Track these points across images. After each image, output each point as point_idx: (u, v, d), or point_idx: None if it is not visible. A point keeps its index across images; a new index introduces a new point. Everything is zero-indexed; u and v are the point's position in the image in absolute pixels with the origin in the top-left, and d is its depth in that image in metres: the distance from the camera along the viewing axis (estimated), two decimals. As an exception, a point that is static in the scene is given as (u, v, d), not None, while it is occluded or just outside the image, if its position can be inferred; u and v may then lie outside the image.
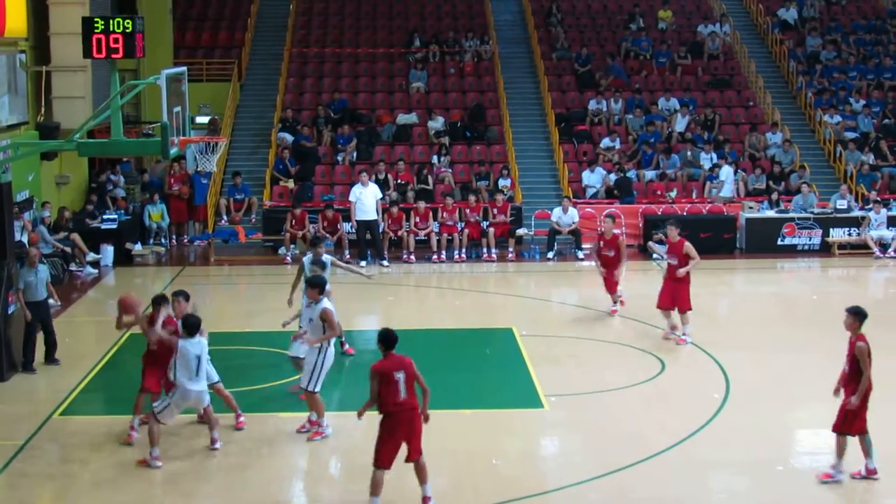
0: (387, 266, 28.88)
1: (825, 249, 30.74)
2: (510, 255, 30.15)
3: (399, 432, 13.15)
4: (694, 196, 32.86)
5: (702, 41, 40.68)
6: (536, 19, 41.90)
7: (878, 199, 31.53)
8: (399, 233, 29.90)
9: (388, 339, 13.32)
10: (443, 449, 15.34)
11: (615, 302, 23.31)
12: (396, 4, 43.12)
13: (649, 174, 33.83)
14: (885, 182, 33.82)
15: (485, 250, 30.13)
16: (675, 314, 20.97)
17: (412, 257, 29.53)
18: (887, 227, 30.64)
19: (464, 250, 30.06)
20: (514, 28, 42.50)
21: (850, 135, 35.88)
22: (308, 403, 15.75)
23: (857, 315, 14.26)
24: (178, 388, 14.88)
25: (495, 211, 30.43)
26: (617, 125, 36.35)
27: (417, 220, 30.25)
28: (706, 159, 34.10)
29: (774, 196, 32.10)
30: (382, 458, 13.10)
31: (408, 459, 13.27)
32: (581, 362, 19.75)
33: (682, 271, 20.65)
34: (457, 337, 21.83)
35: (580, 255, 30.01)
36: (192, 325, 15.02)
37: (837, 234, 30.90)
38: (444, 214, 30.34)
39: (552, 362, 19.60)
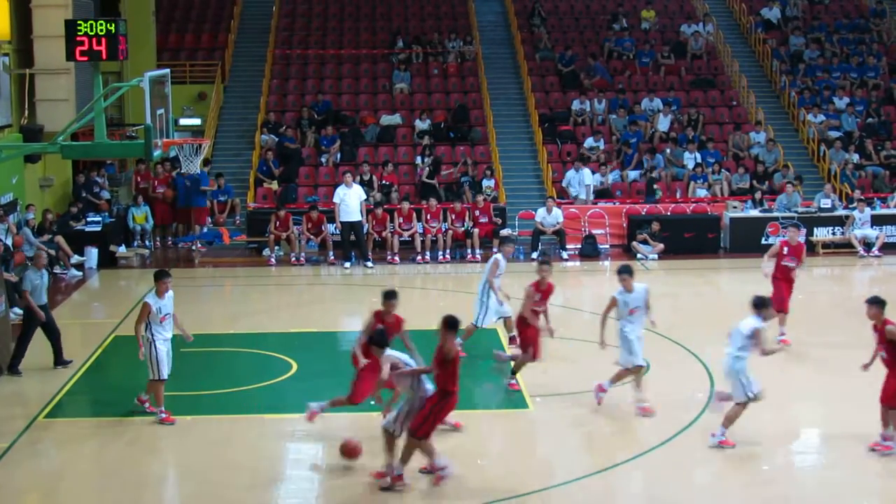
0: (371, 267, 28.86)
1: (809, 249, 30.68)
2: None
3: (445, 414, 14.15)
4: (678, 196, 32.92)
5: (685, 41, 40.77)
6: (519, 20, 41.94)
7: (862, 197, 31.62)
8: (383, 234, 29.89)
9: (454, 324, 13.96)
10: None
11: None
12: (379, 6, 43.14)
13: (633, 174, 33.89)
14: (869, 181, 33.93)
15: (469, 251, 30.14)
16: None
17: (396, 258, 29.52)
18: (871, 226, 30.73)
19: (448, 251, 30.08)
20: (498, 29, 42.55)
21: (833, 134, 36.00)
22: None
23: (877, 304, 15.05)
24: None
25: (477, 212, 30.44)
26: (600, 125, 36.41)
27: (401, 221, 30.26)
28: (690, 159, 34.16)
29: (758, 195, 32.18)
30: (427, 432, 13.91)
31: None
32: (566, 362, 19.74)
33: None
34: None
35: (564, 255, 30.05)
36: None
37: (821, 234, 30.99)
38: (428, 216, 30.35)
39: (537, 362, 19.58)
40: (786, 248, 21.00)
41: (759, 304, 15.33)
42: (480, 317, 19.88)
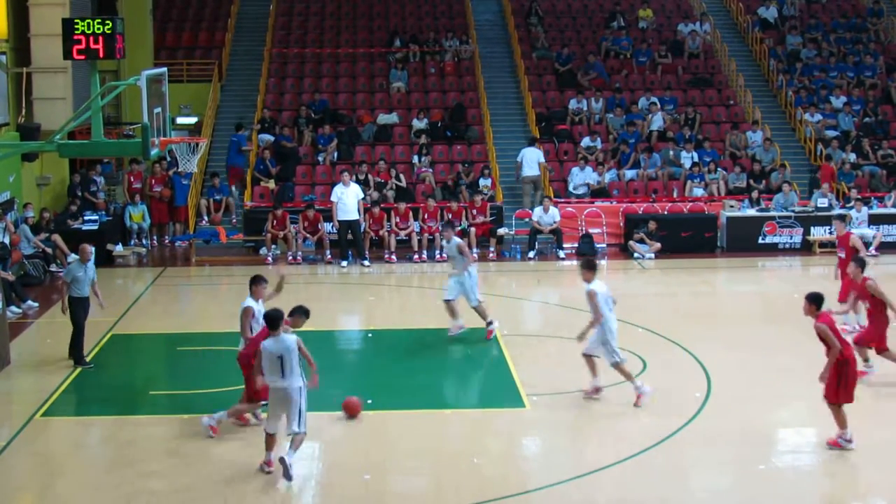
0: (368, 266, 28.87)
1: (806, 248, 30.85)
2: (491, 255, 30.21)
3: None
4: (675, 195, 32.93)
5: (682, 40, 40.77)
6: (516, 19, 41.94)
7: (859, 197, 31.63)
8: (380, 233, 29.89)
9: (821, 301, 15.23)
10: (424, 449, 15.42)
11: None
12: (376, 5, 43.13)
13: (630, 173, 33.90)
14: (867, 180, 33.95)
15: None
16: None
17: (393, 257, 29.53)
18: (868, 226, 30.75)
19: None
20: (495, 28, 42.56)
21: (830, 133, 36.00)
22: None
23: (812, 300, 15.31)
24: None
25: (475, 211, 30.46)
26: (597, 124, 36.41)
27: (398, 220, 30.26)
28: (687, 158, 34.18)
29: (755, 195, 32.19)
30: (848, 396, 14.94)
31: None
32: (563, 362, 19.75)
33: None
34: (438, 337, 21.81)
35: (561, 254, 30.06)
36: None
37: (818, 233, 31.00)
38: (425, 215, 30.37)
39: (534, 362, 19.61)
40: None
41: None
42: (473, 296, 20.84)
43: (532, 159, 33.23)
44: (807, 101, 37.66)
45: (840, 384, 14.97)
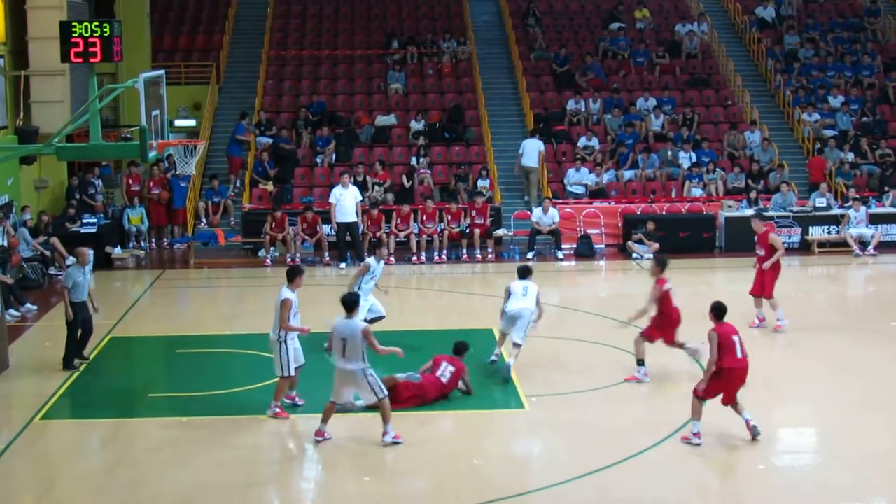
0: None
1: (805, 248, 30.84)
2: (490, 256, 30.21)
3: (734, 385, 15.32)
4: (673, 195, 32.93)
5: (680, 40, 40.77)
6: (514, 20, 41.93)
7: (858, 196, 31.63)
8: (378, 234, 29.89)
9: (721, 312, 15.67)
10: (424, 450, 15.40)
11: None
12: (374, 6, 43.14)
13: (628, 174, 33.91)
14: (865, 180, 33.95)
15: (464, 251, 30.15)
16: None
17: (392, 259, 29.51)
18: (867, 225, 30.75)
19: (444, 251, 30.10)
20: (492, 29, 42.56)
21: (828, 133, 36.01)
22: None
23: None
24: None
25: (474, 213, 30.45)
26: (595, 125, 36.40)
27: (398, 221, 30.25)
28: (685, 158, 34.18)
29: (753, 195, 32.20)
30: (709, 394, 15.33)
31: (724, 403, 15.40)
32: (562, 362, 19.75)
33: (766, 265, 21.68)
34: (438, 338, 21.76)
35: (560, 255, 30.06)
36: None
37: (817, 233, 31.01)
38: (424, 217, 30.36)
39: (533, 362, 19.57)
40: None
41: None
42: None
43: (532, 150, 33.41)
44: (805, 100, 37.67)
45: (714, 386, 15.31)
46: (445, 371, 17.49)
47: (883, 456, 14.99)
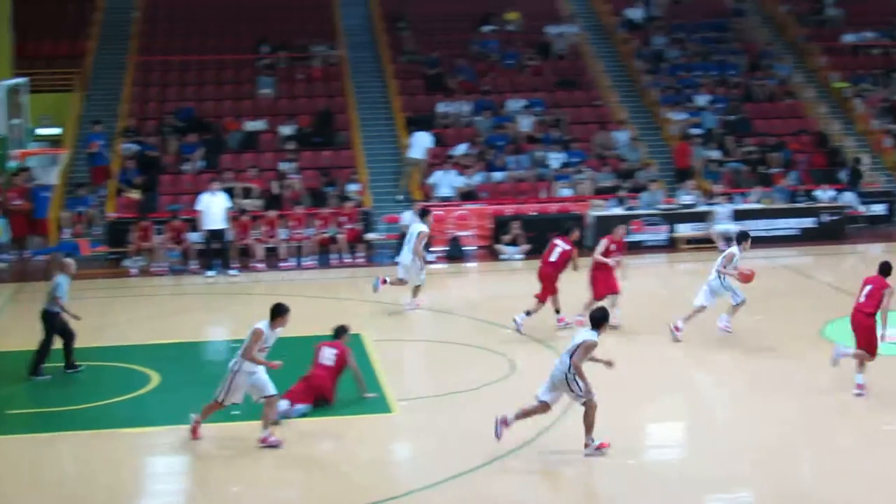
0: (235, 275, 28.52)
1: (672, 245, 31.17)
2: (360, 261, 30.02)
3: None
4: (543, 196, 33.04)
5: (550, 42, 40.96)
6: (385, 23, 41.76)
7: (723, 193, 32.07)
8: (247, 241, 29.54)
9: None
10: (293, 458, 15.17)
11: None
12: (243, 11, 42.52)
13: (498, 175, 33.93)
14: (731, 177, 34.42)
15: (335, 256, 29.93)
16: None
17: (261, 265, 29.20)
18: (732, 221, 31.17)
19: (313, 257, 29.86)
20: (363, 32, 42.32)
21: (695, 131, 36.46)
22: None
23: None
24: None
25: (344, 218, 30.26)
26: (466, 127, 36.39)
27: (266, 227, 29.95)
28: (555, 159, 34.34)
29: (622, 193, 32.44)
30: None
31: None
32: (432, 365, 19.72)
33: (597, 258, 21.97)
34: (307, 344, 21.56)
35: (430, 258, 29.98)
36: None
37: (684, 230, 31.36)
38: (293, 222, 30.10)
39: (403, 366, 19.52)
40: (612, 245, 22.07)
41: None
42: None
43: (421, 143, 33.63)
44: (672, 100, 38.12)
45: None
46: (329, 355, 17.26)
47: (749, 448, 15.09)
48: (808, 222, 32.46)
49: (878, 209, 34.44)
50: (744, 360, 19.71)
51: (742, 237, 20.85)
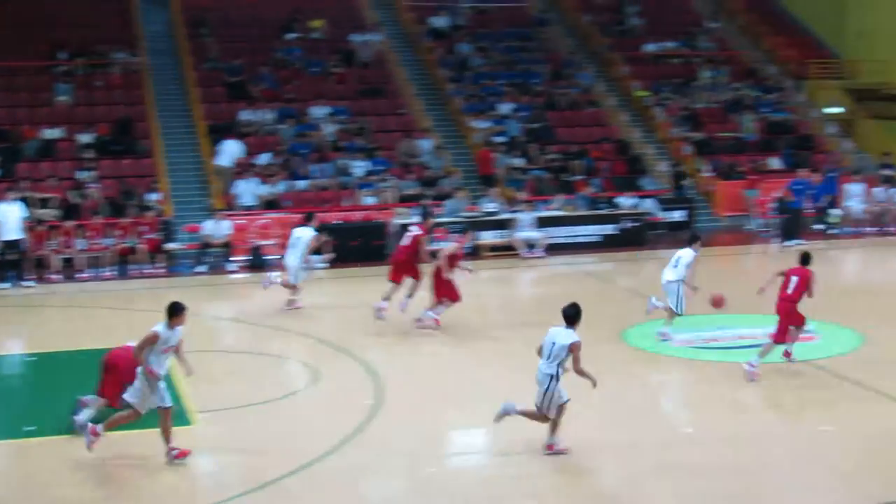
0: (31, 286, 27.75)
1: (475, 252, 31.38)
2: (161, 271, 29.54)
3: None
4: (346, 204, 32.95)
5: (354, 50, 40.94)
6: (187, 30, 41.16)
7: (526, 200, 32.48)
8: (43, 251, 28.78)
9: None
10: (92, 473, 14.77)
11: None
12: (38, 15, 41.30)
13: (301, 184, 33.74)
14: (533, 184, 34.87)
15: (134, 267, 29.39)
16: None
17: (58, 276, 28.49)
18: (534, 229, 31.56)
19: (112, 268, 29.27)
20: (164, 39, 41.65)
21: (499, 139, 36.84)
22: None
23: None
24: None
25: (144, 227, 29.77)
26: (269, 135, 36.09)
27: (63, 238, 29.26)
28: (359, 167, 34.32)
29: (426, 201, 32.57)
30: None
31: None
32: (234, 376, 19.41)
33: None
34: (98, 357, 21.07)
35: (232, 267, 29.70)
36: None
37: (487, 237, 31.65)
38: (91, 232, 29.47)
39: (203, 377, 19.06)
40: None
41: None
42: None
43: (229, 152, 33.57)
44: (476, 108, 38.46)
45: None
46: None
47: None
48: (609, 229, 33.06)
49: (678, 216, 35.26)
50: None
51: (693, 239, 21.05)
